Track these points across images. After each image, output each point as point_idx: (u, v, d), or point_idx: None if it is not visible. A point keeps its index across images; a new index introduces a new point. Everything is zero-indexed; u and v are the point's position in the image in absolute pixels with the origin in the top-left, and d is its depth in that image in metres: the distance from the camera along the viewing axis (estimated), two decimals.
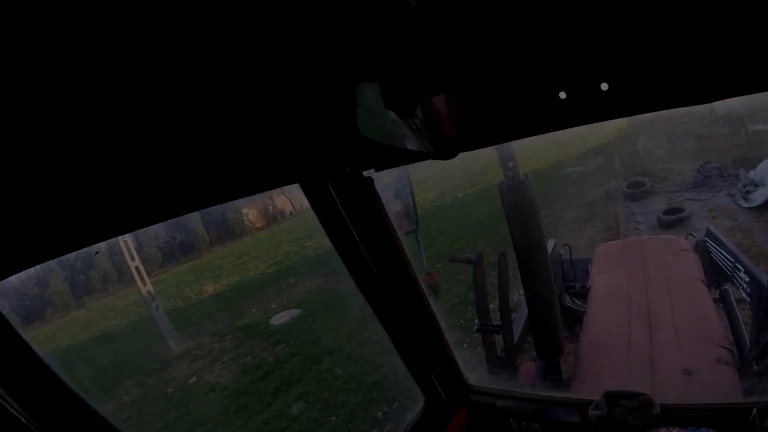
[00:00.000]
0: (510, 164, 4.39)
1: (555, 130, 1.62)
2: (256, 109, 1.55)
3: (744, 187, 10.98)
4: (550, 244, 7.07)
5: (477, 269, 5.15)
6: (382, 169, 2.14)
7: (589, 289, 6.10)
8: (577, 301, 6.61)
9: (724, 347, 4.48)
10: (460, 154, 1.55)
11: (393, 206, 6.24)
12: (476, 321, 5.42)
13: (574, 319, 6.34)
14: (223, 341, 11.99)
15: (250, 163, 1.75)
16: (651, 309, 5.28)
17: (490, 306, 5.47)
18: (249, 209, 25.25)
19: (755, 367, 4.54)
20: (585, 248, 8.90)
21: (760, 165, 11.09)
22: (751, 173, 11.13)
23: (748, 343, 4.98)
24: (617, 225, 11.14)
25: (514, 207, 4.42)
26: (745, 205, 10.60)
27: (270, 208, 26.20)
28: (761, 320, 4.87)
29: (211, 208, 1.75)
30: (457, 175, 19.42)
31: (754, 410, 2.26)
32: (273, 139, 1.78)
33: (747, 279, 5.31)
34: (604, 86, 1.40)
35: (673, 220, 10.57)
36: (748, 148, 12.71)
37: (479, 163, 17.16)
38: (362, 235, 2.30)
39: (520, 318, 5.86)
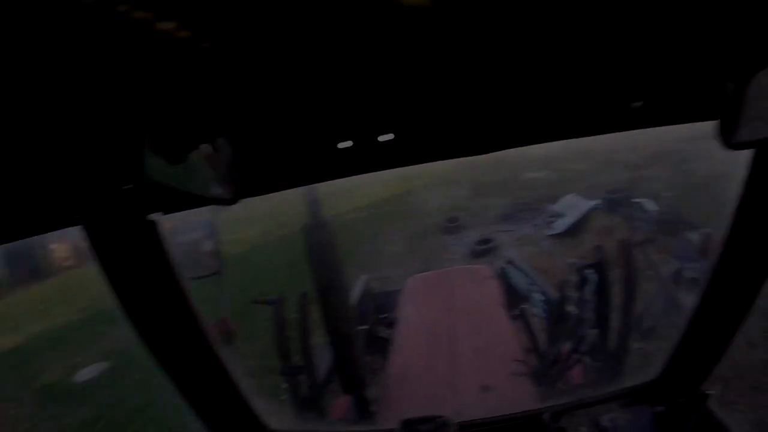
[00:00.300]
0: (315, 206, 4.37)
1: (335, 179, 1.62)
2: (37, 145, 1.37)
3: (549, 217, 12.31)
4: (362, 279, 7.19)
5: (277, 312, 4.99)
6: (169, 213, 1.97)
7: (396, 320, 6.26)
8: (390, 332, 6.73)
9: (518, 361, 4.84)
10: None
11: (203, 246, 5.93)
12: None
13: (388, 350, 6.43)
14: (20, 406, 10.39)
15: (30, 202, 1.57)
16: (453, 334, 5.56)
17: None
18: (58, 245, 22.49)
19: (549, 374, 4.91)
20: (404, 280, 9.18)
21: (562, 199, 12.59)
22: (555, 206, 12.54)
23: (543, 353, 5.39)
24: (436, 256, 11.71)
25: (316, 248, 4.40)
26: (548, 233, 11.85)
27: (82, 243, 23.66)
28: (552, 332, 5.30)
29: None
30: (284, 212, 19.23)
31: (546, 414, 2.44)
32: (54, 179, 1.57)
33: (541, 298, 5.81)
34: (385, 137, 1.41)
35: (484, 249, 11.47)
36: (530, 190, 14.30)
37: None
38: (144, 282, 2.06)
39: (326, 356, 5.80)
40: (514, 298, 6.49)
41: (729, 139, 1.43)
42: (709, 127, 1.43)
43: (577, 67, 1.35)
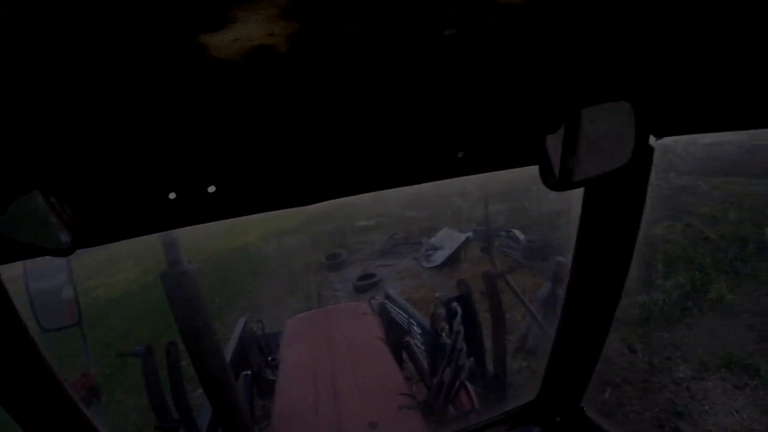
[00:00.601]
0: (173, 253, 4.15)
1: (166, 230, 1.62)
2: None
3: (426, 251, 12.69)
4: (241, 322, 6.99)
5: (146, 363, 4.70)
6: (4, 263, 1.79)
7: (278, 362, 6.12)
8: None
9: (404, 394, 4.84)
10: None
11: (61, 294, 5.45)
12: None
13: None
14: None
15: None
16: (335, 373, 5.44)
17: None
18: None
19: (435, 404, 4.96)
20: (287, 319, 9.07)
21: (439, 233, 13.12)
22: (432, 239, 13.03)
23: (427, 384, 5.47)
24: (318, 294, 11.67)
25: (177, 296, 4.18)
26: (428, 265, 12.23)
27: None
28: (432, 363, 5.39)
29: None
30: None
31: None
32: None
33: (419, 330, 5.92)
34: (212, 189, 1.38)
35: (366, 284, 11.59)
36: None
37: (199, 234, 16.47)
38: None
39: (205, 407, 5.52)
40: (394, 332, 6.57)
41: (550, 181, 1.56)
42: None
43: (401, 117, 1.42)
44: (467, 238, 12.31)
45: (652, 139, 1.66)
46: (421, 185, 1.63)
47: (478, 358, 5.17)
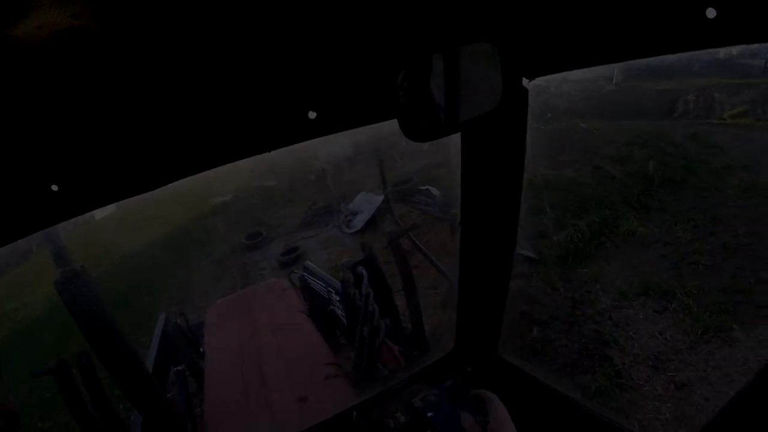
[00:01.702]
0: (61, 259, 4.03)
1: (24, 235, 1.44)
2: None
3: (346, 217, 12.75)
4: (161, 317, 6.87)
5: (60, 379, 4.56)
6: None
7: (204, 351, 6.11)
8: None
9: (330, 363, 5.00)
10: None
11: None
12: None
13: None
14: None
15: None
16: (261, 353, 5.54)
17: None
18: None
19: (361, 369, 5.11)
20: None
21: (356, 198, 13.11)
22: (350, 205, 13.06)
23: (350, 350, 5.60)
24: (244, 275, 11.57)
25: (75, 302, 4.04)
26: (349, 231, 12.32)
27: None
28: (352, 327, 5.47)
29: None
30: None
31: (355, 413, 2.48)
32: None
33: (338, 298, 6.04)
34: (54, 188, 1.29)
35: (291, 258, 11.58)
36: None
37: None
38: None
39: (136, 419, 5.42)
40: (317, 302, 6.67)
41: (413, 131, 1.43)
42: None
43: (238, 82, 1.35)
44: (384, 200, 12.44)
45: (525, 81, 1.65)
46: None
47: (393, 317, 5.33)
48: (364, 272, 4.96)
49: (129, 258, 14.23)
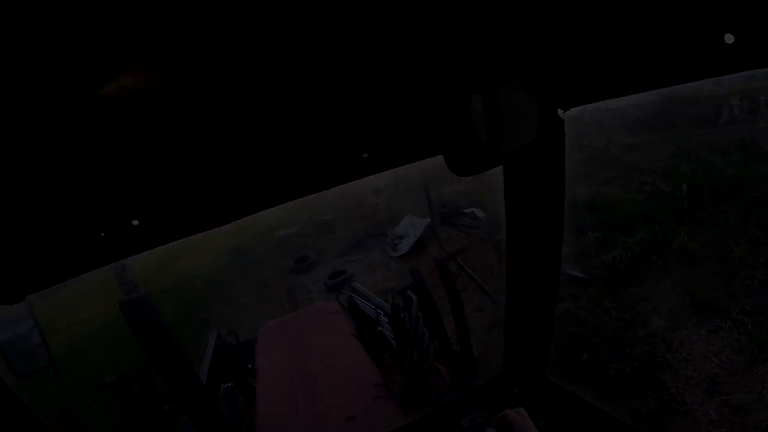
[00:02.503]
0: (127, 281, 4.24)
1: (101, 266, 1.62)
2: None
3: (392, 241, 12.83)
4: (213, 335, 7.08)
5: (120, 391, 4.78)
6: None
7: (256, 369, 6.25)
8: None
9: (379, 385, 5.07)
10: None
11: (29, 340, 5.49)
12: None
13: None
14: None
15: None
16: (311, 374, 5.65)
17: None
18: None
19: (410, 390, 5.05)
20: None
21: (402, 221, 13.19)
22: (396, 228, 13.14)
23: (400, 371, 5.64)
24: (293, 298, 11.74)
25: (139, 323, 4.26)
26: (395, 254, 12.37)
27: None
28: (402, 350, 5.53)
29: None
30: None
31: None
32: None
33: (387, 320, 6.10)
34: (135, 222, 1.49)
35: (338, 282, 11.68)
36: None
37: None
38: None
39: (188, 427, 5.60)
40: (365, 324, 6.74)
41: (459, 167, 1.57)
42: None
43: (300, 127, 1.50)
44: (430, 223, 12.47)
45: (560, 112, 1.74)
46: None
47: (442, 340, 5.35)
48: (413, 296, 5.01)
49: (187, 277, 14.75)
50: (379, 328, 6.50)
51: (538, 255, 2.27)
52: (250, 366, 6.79)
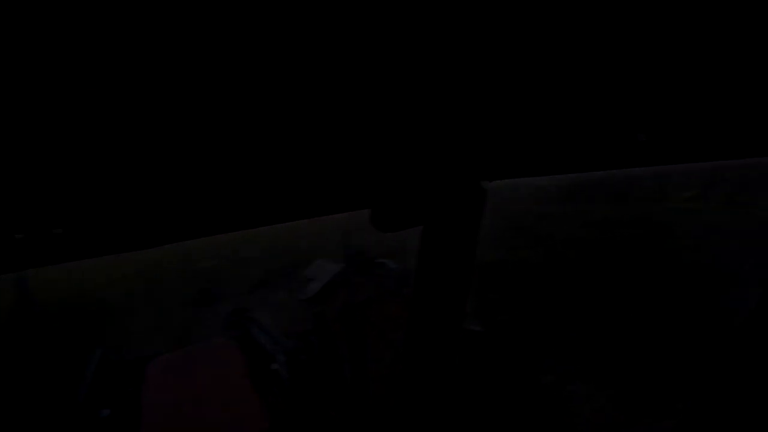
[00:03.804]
0: (24, 288, 3.95)
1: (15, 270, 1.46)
2: None
3: (300, 283, 12.71)
4: (98, 352, 6.73)
5: None
6: None
7: (143, 403, 5.94)
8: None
9: (259, 422, 5.14)
10: None
11: None
12: None
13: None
14: None
15: None
16: (200, 414, 5.49)
17: None
18: None
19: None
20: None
21: (313, 264, 13.08)
22: (306, 271, 13.00)
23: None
24: (188, 331, 11.26)
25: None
26: (303, 297, 12.23)
27: None
28: (299, 389, 5.45)
29: None
30: None
31: None
32: None
33: (284, 358, 5.98)
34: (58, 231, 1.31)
35: (239, 319, 11.29)
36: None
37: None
38: None
39: None
40: (259, 359, 6.57)
41: (382, 224, 1.60)
42: None
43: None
44: (342, 269, 12.48)
45: (484, 183, 1.81)
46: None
47: (339, 387, 5.32)
48: (315, 341, 4.98)
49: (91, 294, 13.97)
50: (276, 366, 6.37)
51: (440, 312, 2.29)
52: (132, 389, 6.44)
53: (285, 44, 0.77)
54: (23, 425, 4.42)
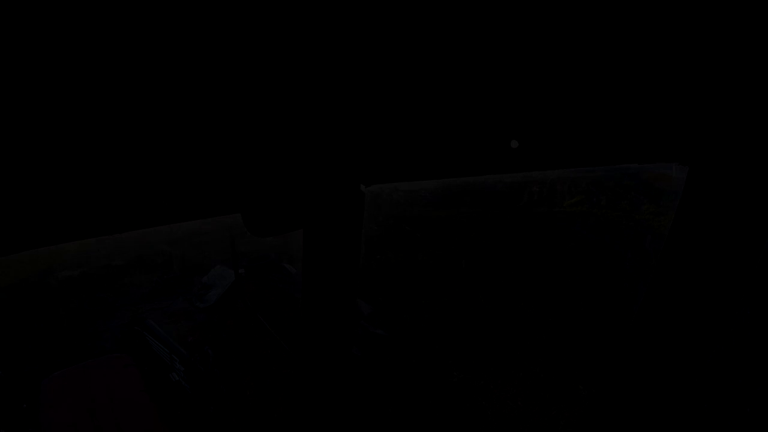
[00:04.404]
0: None
1: None
2: None
3: (198, 290, 12.58)
4: None
5: None
6: None
7: (40, 426, 5.92)
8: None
9: None
10: None
11: None
12: None
13: None
14: None
15: None
16: (98, 429, 5.61)
17: None
18: None
19: None
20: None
21: (211, 271, 13.01)
22: (204, 278, 12.92)
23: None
24: (80, 345, 10.89)
25: None
26: (201, 306, 12.12)
27: None
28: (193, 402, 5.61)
29: None
30: None
31: None
32: None
33: (181, 368, 6.14)
34: None
35: (137, 330, 11.10)
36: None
37: None
38: None
39: None
40: (156, 369, 6.66)
41: (256, 227, 1.55)
42: None
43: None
44: (241, 275, 12.52)
45: (362, 187, 1.80)
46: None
47: (236, 393, 5.59)
48: (210, 352, 5.20)
49: None
50: (176, 378, 6.52)
51: (328, 314, 2.33)
52: (27, 407, 6.39)
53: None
54: None
